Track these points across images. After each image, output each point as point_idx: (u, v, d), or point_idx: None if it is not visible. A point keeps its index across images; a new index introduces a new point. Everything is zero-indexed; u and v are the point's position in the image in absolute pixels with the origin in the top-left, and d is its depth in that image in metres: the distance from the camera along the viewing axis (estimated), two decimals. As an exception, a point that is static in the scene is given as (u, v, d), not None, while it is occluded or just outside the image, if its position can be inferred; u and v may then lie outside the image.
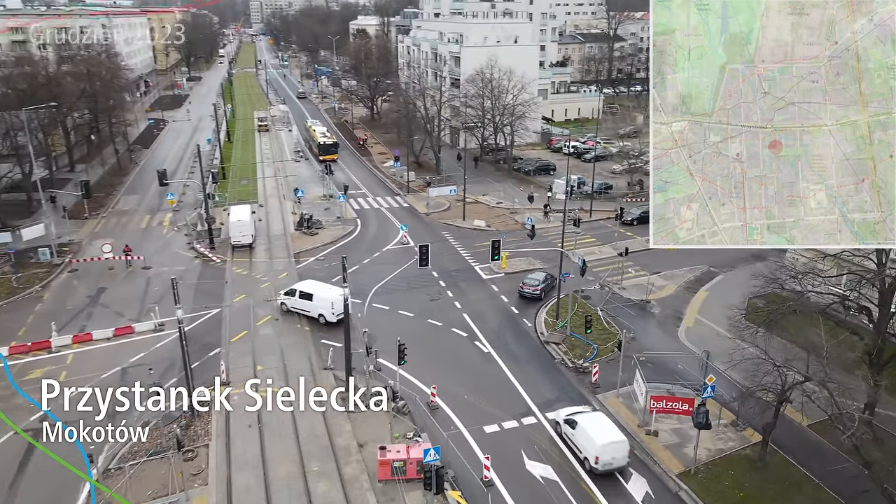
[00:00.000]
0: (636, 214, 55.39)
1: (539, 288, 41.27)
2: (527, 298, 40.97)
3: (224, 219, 54.52)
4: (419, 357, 32.77)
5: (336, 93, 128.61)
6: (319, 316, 37.08)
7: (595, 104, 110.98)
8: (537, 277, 42.09)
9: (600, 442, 24.75)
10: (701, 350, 30.02)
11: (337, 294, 36.53)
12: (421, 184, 67.02)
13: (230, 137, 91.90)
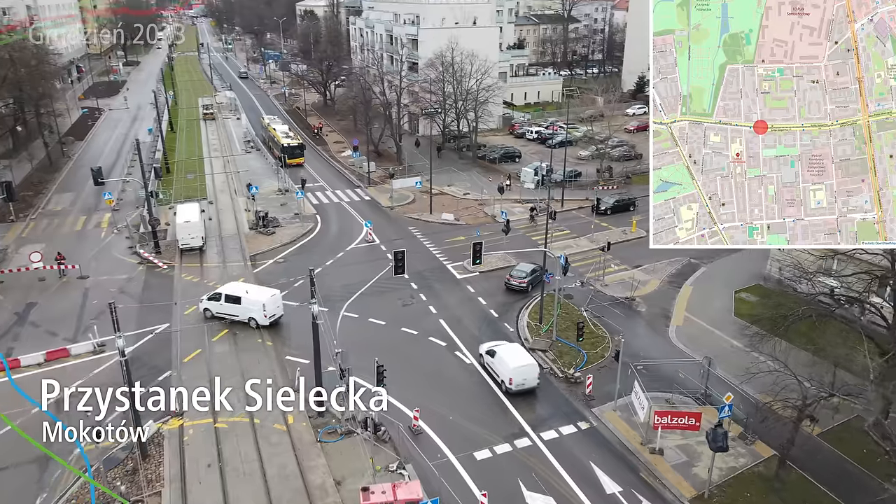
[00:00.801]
0: (610, 203, 53.42)
1: (526, 280, 39.15)
2: (513, 292, 39.06)
3: (170, 219, 50.05)
4: (396, 373, 29.82)
5: (285, 78, 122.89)
6: (250, 320, 34.27)
7: (554, 87, 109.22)
8: (524, 269, 39.82)
9: (513, 366, 28.58)
10: (701, 356, 27.98)
11: (268, 295, 34.72)
12: (383, 175, 63.54)
13: (173, 127, 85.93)
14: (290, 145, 66.56)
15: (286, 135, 69.79)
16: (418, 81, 72.79)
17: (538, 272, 39.94)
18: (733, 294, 38.22)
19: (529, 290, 39.28)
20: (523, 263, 41.20)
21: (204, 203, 54.93)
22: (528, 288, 39.23)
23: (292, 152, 65.78)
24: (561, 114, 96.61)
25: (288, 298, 37.86)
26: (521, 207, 54.82)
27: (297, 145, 67.04)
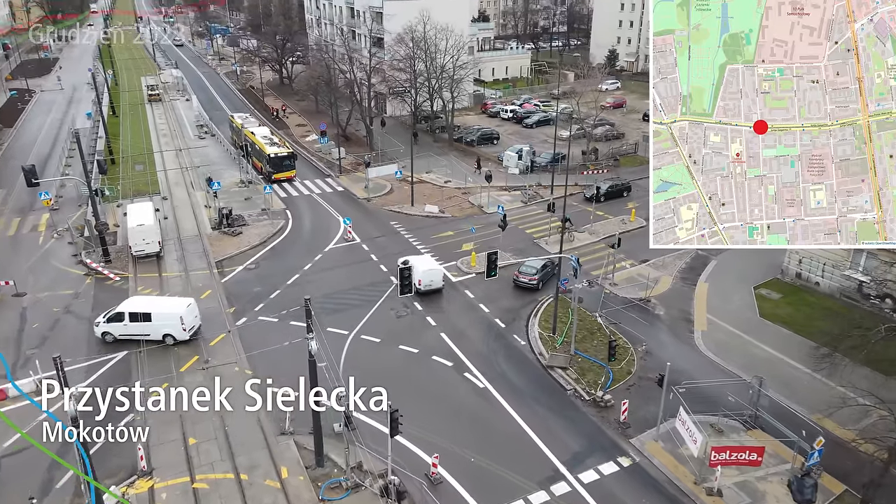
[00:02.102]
0: (604, 189, 50.02)
1: (536, 277, 35.83)
2: (518, 294, 35.89)
3: (119, 219, 44.34)
4: (401, 404, 25.83)
5: (235, 54, 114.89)
6: (166, 337, 29.98)
7: (523, 62, 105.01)
8: (534, 265, 36.52)
9: (422, 269, 34.34)
10: (734, 365, 24.90)
11: (184, 306, 30.24)
12: (355, 162, 58.54)
13: (115, 111, 78.37)
14: (279, 155, 52.51)
15: (270, 141, 54.86)
16: (389, 60, 67.42)
17: (549, 268, 36.74)
18: (752, 291, 35.46)
19: (540, 288, 36.00)
20: (533, 259, 37.88)
21: (157, 200, 49.20)
22: (539, 285, 35.98)
23: (281, 164, 52.50)
24: (533, 90, 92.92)
25: (266, 312, 33.30)
26: (508, 196, 50.98)
27: (286, 155, 53.03)
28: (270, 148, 53.25)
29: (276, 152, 52.84)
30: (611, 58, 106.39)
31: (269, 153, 52.31)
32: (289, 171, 52.91)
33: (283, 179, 52.75)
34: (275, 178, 51.99)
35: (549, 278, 36.73)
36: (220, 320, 32.43)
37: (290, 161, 53.17)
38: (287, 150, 54.12)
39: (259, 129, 58.35)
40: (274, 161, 52.33)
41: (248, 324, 32.30)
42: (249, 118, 63.42)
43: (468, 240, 42.40)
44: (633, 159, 60.38)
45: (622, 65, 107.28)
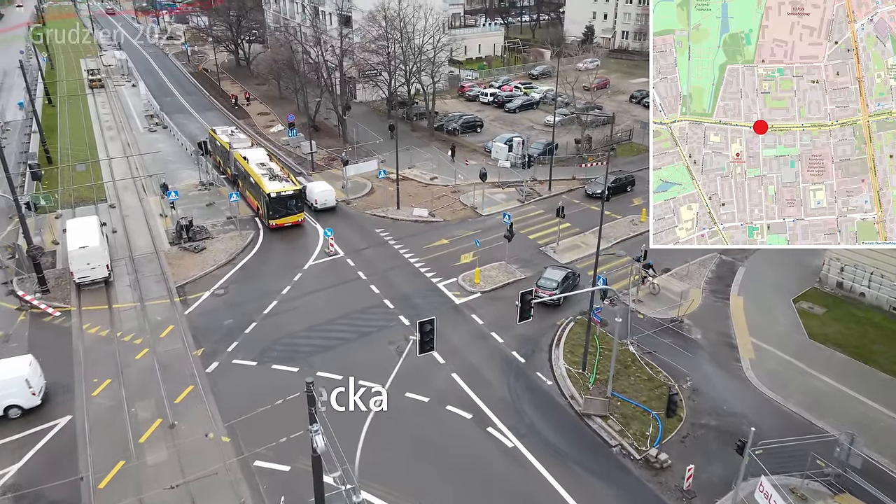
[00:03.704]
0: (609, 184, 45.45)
1: (557, 292, 31.22)
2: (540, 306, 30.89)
3: (58, 234, 38.05)
4: (417, 480, 21.36)
5: (185, 32, 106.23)
6: (10, 409, 23.82)
7: (496, 40, 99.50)
8: (554, 277, 32.18)
9: (317, 191, 42.30)
10: (842, 432, 20.92)
11: (25, 366, 24.29)
12: (327, 157, 52.85)
13: (51, 99, 70.29)
14: (282, 195, 38.51)
15: (270, 173, 40.50)
16: (360, 41, 61.24)
17: (571, 279, 32.54)
18: (792, 304, 31.75)
19: (562, 304, 31.75)
20: (551, 269, 33.40)
21: (104, 208, 42.85)
22: (561, 301, 31.60)
23: (284, 206, 38.74)
24: (510, 70, 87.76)
25: (242, 353, 28.01)
26: (502, 194, 46.22)
27: (292, 194, 39.02)
28: (271, 184, 39.01)
29: (279, 190, 38.55)
30: (587, 34, 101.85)
31: (269, 191, 38.30)
32: (295, 214, 39.53)
33: (286, 226, 39.61)
34: (276, 224, 39.21)
35: (570, 290, 32.47)
36: (186, 367, 27.00)
37: (297, 202, 39.48)
38: (294, 186, 39.60)
39: (253, 151, 44.78)
40: (275, 202, 38.41)
41: (221, 370, 26.99)
42: (237, 134, 50.01)
43: (466, 248, 37.62)
44: (629, 147, 56.24)
45: (598, 41, 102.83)
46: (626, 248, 37.79)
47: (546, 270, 33.39)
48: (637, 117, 64.47)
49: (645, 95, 70.81)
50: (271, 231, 39.41)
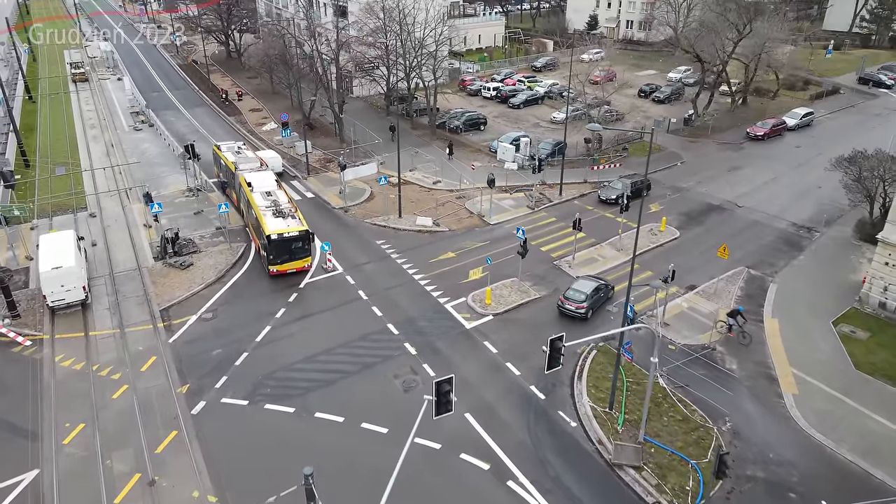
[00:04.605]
0: (620, 189, 42.77)
1: (585, 305, 29.54)
2: (568, 317, 29.99)
3: (32, 249, 35.11)
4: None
5: (173, 22, 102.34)
6: None
7: (497, 30, 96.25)
8: (582, 289, 30.33)
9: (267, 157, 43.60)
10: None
11: None
12: (323, 158, 49.87)
13: (31, 95, 66.85)
14: (284, 237, 32.23)
15: (275, 207, 34.12)
16: (357, 33, 57.98)
17: (602, 292, 30.71)
18: (832, 328, 29.19)
19: (589, 318, 29.81)
20: (582, 280, 31.40)
21: (84, 217, 39.86)
22: (588, 314, 29.77)
23: (287, 249, 32.52)
24: (512, 62, 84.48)
25: (231, 389, 25.29)
26: (510, 199, 43.39)
27: (297, 235, 32.53)
28: (272, 222, 32.75)
29: (281, 231, 32.11)
30: (591, 23, 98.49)
31: (270, 232, 31.92)
32: (300, 259, 33.12)
33: (290, 272, 33.18)
34: (278, 271, 32.83)
35: (599, 305, 30.59)
36: (169, 408, 24.27)
37: (304, 244, 32.86)
38: (300, 226, 32.94)
39: (259, 176, 37.63)
40: (277, 245, 32.07)
41: (209, 411, 24.26)
42: (245, 151, 43.07)
43: (474, 262, 34.91)
44: (641, 147, 53.30)
45: (602, 31, 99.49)
46: (645, 261, 35.14)
47: (576, 281, 31.60)
48: (647, 113, 61.64)
49: (655, 89, 67.82)
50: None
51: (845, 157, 38.69)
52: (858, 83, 72.10)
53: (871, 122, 59.55)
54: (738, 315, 28.46)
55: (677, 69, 74.48)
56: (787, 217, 40.70)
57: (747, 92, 64.40)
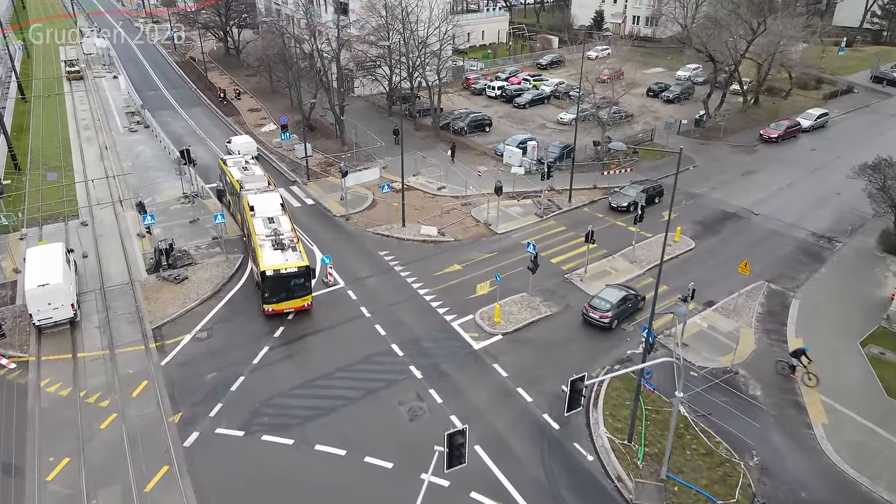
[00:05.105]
0: (631, 196, 41.22)
1: (610, 315, 28.77)
2: (592, 325, 29.26)
3: (20, 261, 33.63)
4: None
5: (171, 17, 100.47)
6: None
7: (501, 26, 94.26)
8: (609, 297, 29.48)
9: (240, 143, 48.67)
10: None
11: None
12: (324, 162, 48.31)
13: (24, 94, 65.23)
14: (281, 273, 28.73)
15: (275, 236, 30.82)
16: (359, 32, 56.26)
17: (630, 302, 29.80)
18: (860, 349, 27.71)
19: (614, 328, 29.02)
20: (609, 289, 30.40)
21: (75, 225, 38.38)
22: (613, 324, 28.95)
23: (286, 287, 29.05)
24: (517, 60, 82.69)
25: (226, 418, 23.84)
26: (518, 206, 41.83)
27: (296, 272, 28.94)
28: (270, 255, 29.48)
29: (277, 267, 28.72)
30: (597, 19, 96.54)
31: (266, 267, 28.69)
32: (299, 297, 29.54)
33: (287, 312, 29.76)
34: (273, 310, 29.40)
35: (627, 316, 29.67)
36: (160, 439, 22.83)
37: (305, 281, 29.29)
38: (300, 261, 29.38)
39: (263, 199, 33.99)
40: (272, 282, 28.66)
41: (202, 443, 22.83)
42: (253, 167, 38.88)
43: (482, 276, 33.43)
44: (654, 151, 51.64)
45: (608, 27, 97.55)
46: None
47: (604, 289, 30.59)
48: (657, 114, 60.00)
49: (664, 88, 66.07)
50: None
51: (869, 165, 37.07)
52: (872, 82, 70.37)
53: (888, 123, 57.94)
54: (802, 355, 25.73)
55: (686, 67, 72.67)
56: (805, 226, 39.14)
57: (759, 91, 62.67)
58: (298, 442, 22.84)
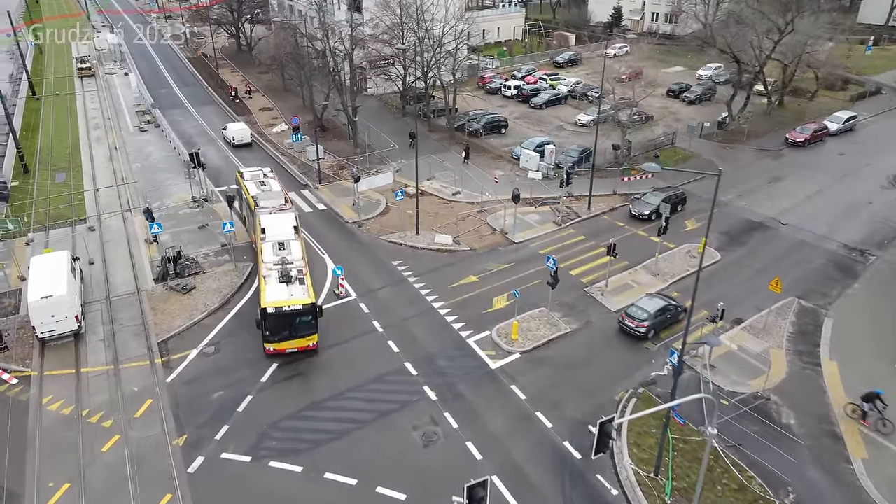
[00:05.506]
0: (653, 204, 39.78)
1: (646, 325, 28.06)
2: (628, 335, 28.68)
3: (25, 267, 32.84)
4: None
5: (183, 12, 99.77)
6: None
7: (516, 22, 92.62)
8: (646, 307, 28.68)
9: (235, 129, 52.11)
10: None
11: None
12: (336, 164, 47.22)
13: (34, 91, 64.63)
14: (284, 311, 25.87)
15: (282, 266, 27.81)
16: (373, 30, 55.00)
17: (670, 313, 29.00)
18: (899, 373, 26.26)
19: (650, 338, 28.28)
20: (648, 297, 29.65)
21: (82, 230, 37.57)
22: (650, 334, 28.23)
23: (289, 326, 26.24)
24: (533, 58, 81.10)
25: (233, 442, 22.83)
26: (535, 214, 40.51)
27: (300, 310, 26.05)
28: (273, 290, 26.69)
29: (280, 304, 25.90)
30: (614, 16, 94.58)
31: (267, 304, 25.90)
32: (303, 337, 26.65)
33: (290, 351, 26.89)
34: (273, 351, 26.67)
35: (664, 327, 28.85)
36: (164, 464, 21.89)
37: (312, 319, 26.38)
38: (306, 297, 26.44)
39: (275, 220, 31.63)
40: (274, 320, 25.88)
41: (207, 469, 21.85)
42: (270, 181, 36.37)
43: (498, 288, 32.24)
44: (672, 153, 50.09)
45: (626, 23, 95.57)
46: (684, 288, 32.14)
47: (642, 297, 29.93)
48: (677, 115, 58.34)
49: (685, 89, 64.28)
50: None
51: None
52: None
53: (919, 127, 55.91)
54: (876, 399, 23.73)
55: (707, 66, 70.75)
56: (836, 237, 37.54)
57: (785, 93, 60.75)
58: (308, 469, 21.81)
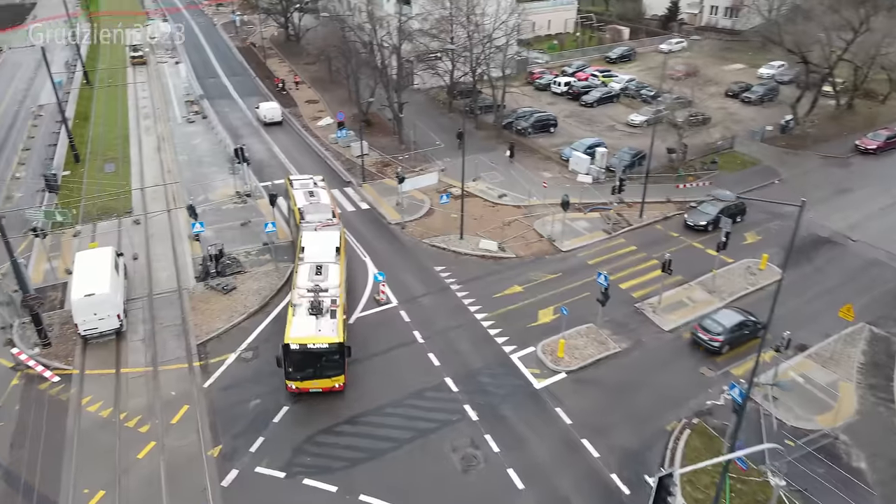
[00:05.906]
0: (711, 214, 37.69)
1: (721, 339, 27.06)
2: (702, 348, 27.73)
3: (72, 261, 32.91)
4: None
5: (234, 2, 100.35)
6: None
7: (568, 15, 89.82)
8: (724, 320, 27.62)
9: (266, 108, 55.02)
10: None
11: None
12: (380, 161, 46.39)
13: (88, 78, 65.66)
14: (308, 349, 23.45)
15: (314, 296, 25.21)
16: (422, 24, 53.79)
17: (749, 328, 27.74)
18: None
19: (724, 353, 27.44)
20: (726, 311, 28.61)
21: (128, 223, 37.69)
22: (724, 349, 27.15)
23: (314, 364, 23.91)
24: (585, 53, 78.59)
25: (267, 455, 22.25)
26: (584, 220, 38.89)
27: (326, 349, 23.54)
28: (299, 324, 24.09)
29: (304, 341, 23.46)
30: (671, 8, 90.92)
31: (291, 339, 23.49)
32: (329, 377, 24.21)
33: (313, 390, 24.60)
34: (296, 389, 24.38)
35: (740, 342, 27.58)
36: (198, 476, 21.46)
37: (337, 358, 23.83)
38: (333, 336, 23.65)
39: (320, 239, 29.40)
40: (297, 357, 23.62)
41: (241, 483, 21.32)
42: (320, 192, 34.31)
43: (544, 300, 30.90)
44: (731, 159, 47.58)
45: (683, 17, 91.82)
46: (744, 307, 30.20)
47: (720, 310, 28.94)
48: (737, 116, 55.46)
49: (746, 88, 61.13)
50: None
51: None
52: (984, 86, 63.29)
53: None
54: None
55: (770, 64, 67.15)
56: (912, 257, 34.92)
57: (855, 96, 57.15)
58: (342, 490, 21.06)
